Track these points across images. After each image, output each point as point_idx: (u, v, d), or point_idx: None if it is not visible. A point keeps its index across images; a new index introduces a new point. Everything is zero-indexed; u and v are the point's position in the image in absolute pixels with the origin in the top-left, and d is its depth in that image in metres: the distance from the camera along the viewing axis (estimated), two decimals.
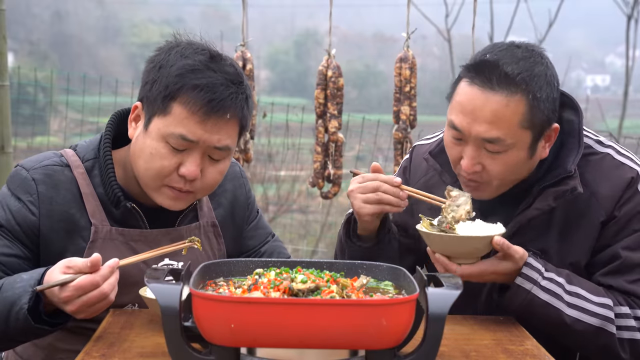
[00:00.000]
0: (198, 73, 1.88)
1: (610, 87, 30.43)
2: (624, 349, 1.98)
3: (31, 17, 27.96)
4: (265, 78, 24.74)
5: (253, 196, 2.31)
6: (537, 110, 1.93)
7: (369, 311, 1.35)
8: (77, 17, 30.42)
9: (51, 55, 24.27)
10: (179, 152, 1.90)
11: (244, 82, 1.95)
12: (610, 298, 1.99)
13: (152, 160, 1.91)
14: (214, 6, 29.34)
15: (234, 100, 1.90)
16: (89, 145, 2.06)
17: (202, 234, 2.11)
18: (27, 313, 1.73)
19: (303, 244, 8.42)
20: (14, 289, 1.77)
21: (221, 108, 1.88)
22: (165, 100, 1.88)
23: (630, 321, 1.98)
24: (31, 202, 1.94)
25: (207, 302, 1.37)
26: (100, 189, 1.99)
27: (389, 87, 4.17)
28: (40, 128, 8.46)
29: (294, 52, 30.13)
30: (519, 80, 1.91)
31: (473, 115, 1.94)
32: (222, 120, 1.89)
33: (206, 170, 1.94)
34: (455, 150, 2.03)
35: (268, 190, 8.48)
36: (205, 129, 1.88)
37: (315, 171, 4.09)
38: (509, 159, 1.97)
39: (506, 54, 1.95)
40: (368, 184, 2.04)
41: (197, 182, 1.94)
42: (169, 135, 1.88)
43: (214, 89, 1.87)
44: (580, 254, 2.06)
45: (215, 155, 1.94)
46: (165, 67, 1.90)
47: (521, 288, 1.93)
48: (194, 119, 1.87)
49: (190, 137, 1.88)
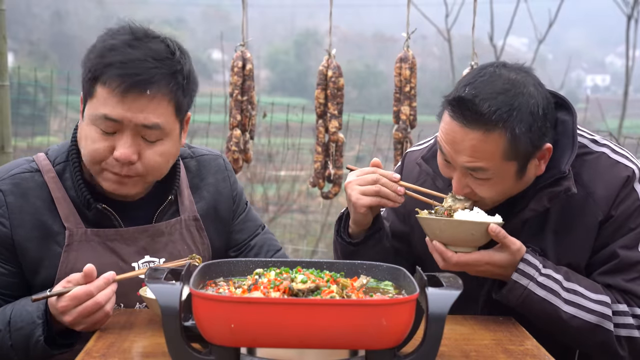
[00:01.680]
0: (116, 52, 1.85)
1: (610, 87, 30.42)
2: (622, 346, 1.98)
3: (31, 17, 27.95)
4: (265, 78, 24.74)
5: (240, 189, 2.27)
6: (518, 143, 1.91)
7: (369, 311, 1.35)
8: (77, 17, 30.40)
9: (51, 55, 24.26)
10: (110, 135, 1.88)
11: (175, 58, 1.89)
12: (609, 295, 1.99)
13: (87, 145, 1.90)
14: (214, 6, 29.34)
15: (155, 75, 1.84)
16: (60, 148, 2.04)
17: (183, 227, 2.09)
18: (45, 343, 1.79)
19: (303, 244, 8.41)
20: (23, 321, 1.81)
21: (138, 84, 1.83)
22: (90, 84, 1.88)
23: (628, 319, 1.98)
24: (1, 214, 1.93)
25: (207, 302, 1.37)
26: (72, 192, 1.98)
27: (389, 87, 4.17)
28: (40, 128, 8.46)
29: (294, 52, 30.12)
30: (495, 118, 1.89)
31: (455, 146, 1.96)
32: (143, 97, 1.84)
33: (144, 152, 1.90)
34: (446, 171, 2.06)
35: (268, 190, 8.47)
36: (126, 107, 1.84)
37: (316, 171, 4.09)
38: (495, 184, 1.98)
39: (485, 87, 1.92)
40: (367, 176, 2.05)
41: (138, 165, 1.90)
42: (96, 118, 1.87)
43: (129, 64, 1.83)
44: (578, 254, 2.06)
45: (148, 136, 1.89)
46: (91, 51, 1.90)
47: (517, 284, 1.94)
48: (114, 98, 1.84)
49: (112, 116, 1.85)
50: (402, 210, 2.26)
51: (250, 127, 3.94)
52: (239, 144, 3.91)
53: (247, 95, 3.91)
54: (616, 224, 2.02)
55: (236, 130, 3.90)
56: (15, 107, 6.81)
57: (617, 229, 2.02)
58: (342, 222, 2.19)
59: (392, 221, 2.30)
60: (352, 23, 29.15)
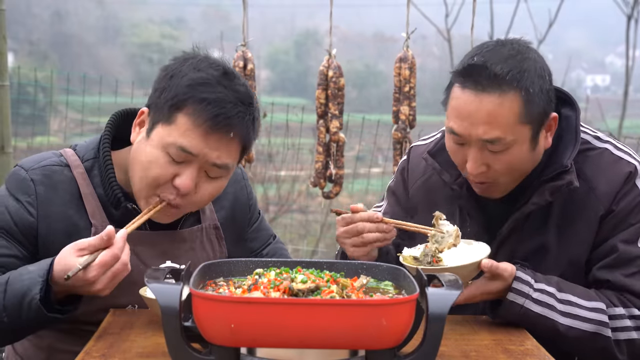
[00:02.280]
0: (208, 87, 1.86)
1: (610, 87, 30.45)
2: (620, 351, 1.98)
3: (31, 17, 27.97)
4: (265, 78, 24.76)
5: (255, 198, 2.30)
6: (532, 105, 1.93)
7: (369, 311, 1.35)
8: (77, 17, 30.43)
9: (51, 55, 24.28)
10: (176, 163, 1.88)
11: (254, 104, 1.93)
12: (603, 301, 1.99)
13: (149, 167, 1.89)
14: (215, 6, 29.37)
15: (240, 119, 1.87)
16: (88, 145, 2.05)
17: (204, 235, 2.11)
18: (40, 303, 1.73)
19: (303, 244, 8.41)
20: (22, 280, 1.77)
21: (226, 125, 1.85)
22: (171, 110, 1.87)
23: (625, 321, 1.98)
24: (29, 203, 1.93)
25: (207, 302, 1.37)
26: (100, 190, 1.98)
27: (388, 87, 4.17)
28: (40, 128, 8.46)
29: (294, 52, 30.15)
30: (509, 78, 1.91)
31: (470, 119, 1.94)
32: (225, 138, 1.86)
33: (200, 185, 1.92)
34: (459, 154, 2.03)
35: (268, 190, 8.47)
36: (207, 144, 1.86)
37: (317, 171, 4.09)
38: (512, 156, 1.97)
39: (493, 54, 1.95)
40: (350, 228, 2.04)
41: (189, 196, 1.91)
42: (169, 144, 1.86)
43: (221, 104, 1.85)
44: (579, 248, 2.06)
45: (212, 173, 1.91)
46: (176, 76, 1.89)
47: (514, 303, 1.92)
48: (197, 132, 1.85)
49: (190, 149, 1.85)
50: (407, 204, 2.26)
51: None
52: None
53: None
54: (617, 218, 2.03)
55: None
56: (15, 107, 6.81)
57: (618, 223, 2.03)
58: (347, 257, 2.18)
59: (396, 216, 2.29)
60: (352, 23, 29.15)
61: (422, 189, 2.26)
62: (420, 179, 2.27)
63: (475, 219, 2.14)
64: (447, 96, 2.02)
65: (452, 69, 2.04)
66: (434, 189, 2.22)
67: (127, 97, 7.65)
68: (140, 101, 7.19)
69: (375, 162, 8.11)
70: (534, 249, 2.09)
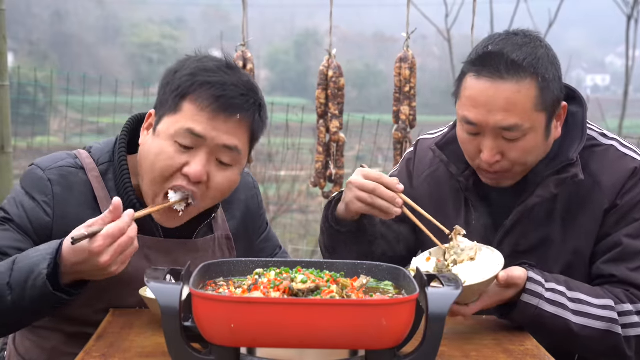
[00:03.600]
0: (211, 72, 1.88)
1: (610, 87, 30.47)
2: (629, 347, 1.98)
3: (31, 17, 27.97)
4: (265, 78, 24.76)
5: (264, 208, 2.29)
6: (547, 91, 1.96)
7: (369, 311, 1.35)
8: (77, 17, 30.44)
9: (51, 55, 24.28)
10: (186, 151, 1.86)
11: (259, 93, 1.93)
12: (611, 298, 1.99)
13: (157, 160, 1.87)
14: (214, 6, 29.37)
15: (245, 101, 1.88)
16: (103, 148, 2.03)
17: (216, 246, 2.09)
18: (47, 278, 1.69)
19: (303, 244, 8.41)
20: (30, 258, 1.73)
21: (231, 106, 1.86)
22: (176, 99, 1.87)
23: (633, 317, 1.98)
24: (46, 202, 1.92)
25: (207, 302, 1.37)
26: (115, 194, 1.96)
27: (389, 87, 4.17)
28: (40, 128, 8.46)
29: (294, 52, 30.16)
30: (526, 65, 1.93)
31: (487, 106, 1.95)
32: (232, 120, 1.86)
33: (213, 175, 1.89)
34: (472, 145, 2.03)
35: (268, 190, 8.47)
36: (214, 126, 1.85)
37: (317, 171, 4.09)
38: (527, 143, 1.98)
39: (507, 42, 1.97)
40: (368, 184, 1.99)
41: (202, 186, 1.89)
42: (177, 131, 1.86)
43: (224, 86, 1.86)
44: (583, 241, 2.07)
45: (224, 158, 1.89)
46: (180, 71, 1.90)
47: (528, 305, 1.91)
48: (204, 115, 1.85)
49: (197, 131, 1.84)
50: (408, 195, 2.26)
51: None
52: None
53: None
54: (620, 213, 2.04)
55: None
56: (15, 107, 6.80)
57: (621, 218, 2.04)
58: (331, 207, 2.15)
59: None
60: (352, 23, 29.17)
61: (428, 181, 2.27)
62: (427, 171, 2.28)
63: (481, 211, 2.15)
64: (458, 87, 2.02)
65: (454, 67, 2.05)
66: (441, 182, 2.23)
67: (127, 97, 7.64)
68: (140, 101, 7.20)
69: (375, 162, 8.11)
70: (539, 241, 2.10)
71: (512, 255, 2.07)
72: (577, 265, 2.08)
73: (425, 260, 2.00)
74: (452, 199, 2.20)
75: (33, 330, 2.04)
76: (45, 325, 2.02)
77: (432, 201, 2.20)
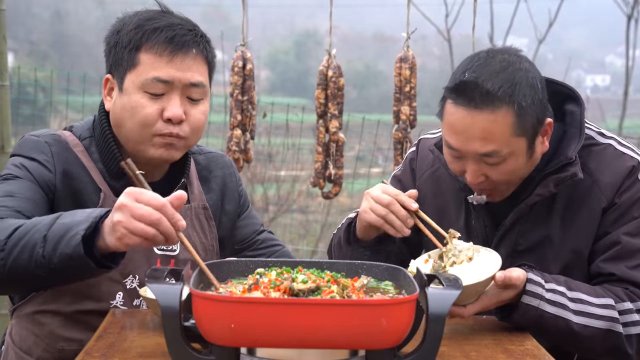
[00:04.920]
0: (155, 20, 1.99)
1: (610, 87, 30.45)
2: (631, 345, 1.98)
3: (31, 17, 27.95)
4: (265, 78, 24.74)
5: (244, 189, 2.36)
6: (525, 117, 1.94)
7: (369, 311, 1.35)
8: (77, 17, 30.41)
9: (51, 55, 24.26)
10: (158, 98, 1.96)
11: (198, 28, 2.04)
12: (611, 297, 1.99)
13: (135, 113, 1.96)
14: (215, 6, 29.32)
15: (195, 36, 2.00)
16: (84, 125, 2.11)
17: (193, 215, 2.14)
18: (81, 240, 1.64)
19: (303, 244, 8.42)
20: (75, 215, 1.70)
21: (184, 44, 1.97)
22: (131, 54, 1.97)
23: (634, 316, 1.98)
24: (47, 160, 1.99)
25: (207, 302, 1.37)
26: (100, 165, 2.04)
27: (389, 87, 4.16)
28: (40, 128, 8.44)
29: (294, 52, 30.13)
30: (501, 94, 1.91)
31: (465, 134, 1.96)
32: (189, 56, 1.97)
33: (189, 112, 2.00)
34: (456, 165, 2.06)
35: (268, 190, 8.47)
36: (176, 66, 1.96)
37: (317, 171, 4.09)
38: (508, 166, 1.99)
39: (484, 70, 1.94)
40: (384, 197, 2.02)
41: (185, 125, 1.99)
42: (144, 83, 1.95)
43: (172, 27, 1.97)
44: (582, 240, 2.07)
45: (194, 94, 2.00)
46: (123, 28, 2.00)
47: (529, 306, 1.90)
48: (163, 60, 1.95)
49: (163, 77, 1.95)
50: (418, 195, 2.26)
51: (250, 127, 3.94)
52: (240, 144, 3.91)
53: (247, 95, 3.91)
54: (619, 211, 2.05)
55: (237, 130, 3.90)
56: (15, 107, 6.80)
57: (620, 216, 2.05)
58: (351, 229, 2.18)
59: None
60: (352, 23, 29.16)
61: (430, 181, 2.28)
62: (428, 171, 2.30)
63: (481, 211, 2.16)
64: (441, 108, 2.03)
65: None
66: (441, 181, 2.25)
67: None
68: None
69: (375, 162, 8.10)
70: (538, 240, 2.10)
71: (512, 254, 2.08)
72: (576, 264, 2.09)
73: (424, 262, 2.01)
74: (453, 198, 2.22)
75: (27, 317, 2.04)
76: (41, 309, 2.02)
77: (434, 200, 2.24)
